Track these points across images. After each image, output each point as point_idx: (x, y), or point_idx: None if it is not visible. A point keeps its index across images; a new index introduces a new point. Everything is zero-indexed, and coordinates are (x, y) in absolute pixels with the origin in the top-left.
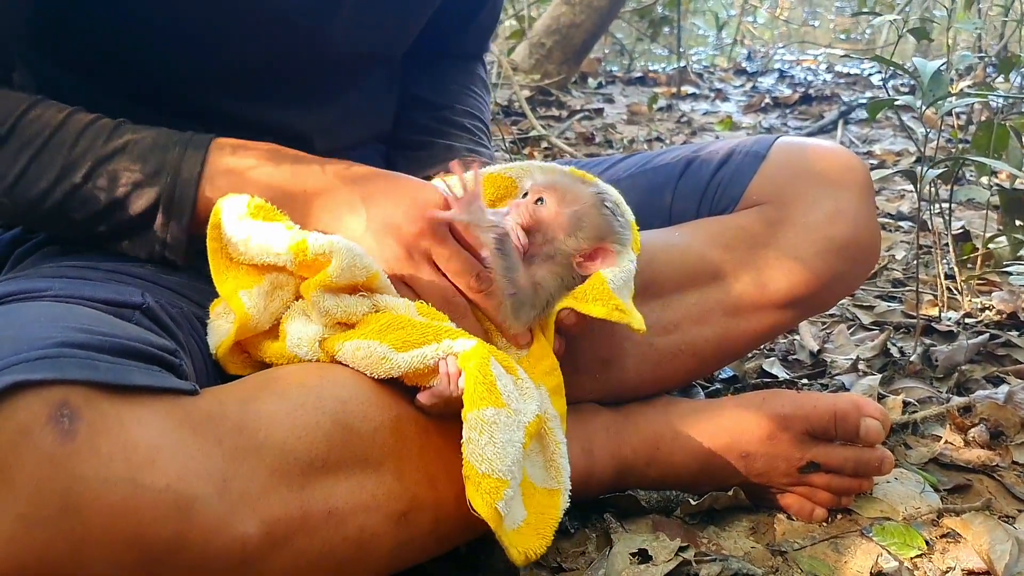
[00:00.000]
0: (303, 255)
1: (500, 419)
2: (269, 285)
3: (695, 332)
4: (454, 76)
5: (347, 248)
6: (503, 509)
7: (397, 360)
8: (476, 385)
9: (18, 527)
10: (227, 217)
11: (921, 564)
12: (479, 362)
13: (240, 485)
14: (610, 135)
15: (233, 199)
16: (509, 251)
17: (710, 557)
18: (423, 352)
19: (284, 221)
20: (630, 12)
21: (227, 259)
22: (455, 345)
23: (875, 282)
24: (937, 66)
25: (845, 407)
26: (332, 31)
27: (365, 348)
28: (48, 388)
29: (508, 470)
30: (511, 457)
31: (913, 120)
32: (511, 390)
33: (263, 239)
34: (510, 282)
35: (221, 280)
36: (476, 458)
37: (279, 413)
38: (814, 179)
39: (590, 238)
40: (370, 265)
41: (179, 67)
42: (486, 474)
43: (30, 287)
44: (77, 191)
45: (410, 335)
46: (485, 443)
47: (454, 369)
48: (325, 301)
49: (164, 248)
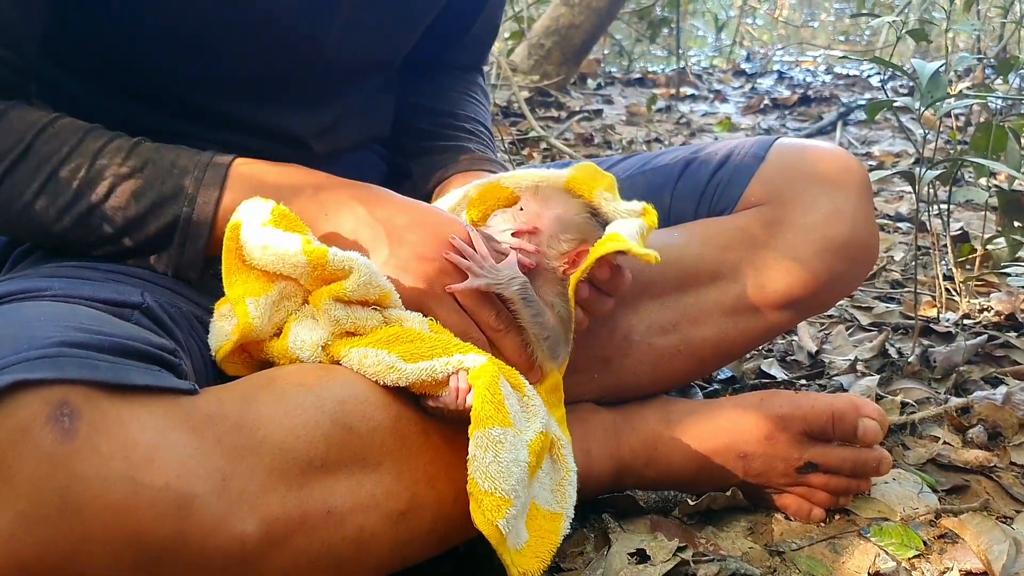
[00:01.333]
0: (321, 267)
1: (506, 439)
2: (278, 295)
3: (693, 332)
4: (452, 84)
5: (366, 265)
6: (504, 528)
7: (406, 371)
8: (485, 404)
9: (18, 525)
10: (248, 220)
11: (919, 564)
12: (489, 380)
13: (239, 484)
14: (609, 136)
15: (257, 204)
16: (532, 298)
17: (708, 557)
18: (432, 364)
19: (305, 233)
20: (629, 13)
21: (240, 260)
22: (466, 360)
23: (873, 283)
24: (936, 67)
25: (843, 407)
26: (328, 38)
27: (373, 356)
28: (48, 387)
29: (512, 489)
30: (515, 477)
31: (912, 121)
32: (517, 409)
33: (281, 248)
34: (541, 327)
35: (231, 282)
36: (480, 475)
37: (278, 413)
38: (812, 180)
39: (573, 242)
40: (384, 285)
41: (179, 71)
42: (488, 492)
43: (29, 287)
44: (93, 211)
45: (419, 347)
46: (490, 461)
47: (464, 385)
48: (336, 311)
49: (179, 268)
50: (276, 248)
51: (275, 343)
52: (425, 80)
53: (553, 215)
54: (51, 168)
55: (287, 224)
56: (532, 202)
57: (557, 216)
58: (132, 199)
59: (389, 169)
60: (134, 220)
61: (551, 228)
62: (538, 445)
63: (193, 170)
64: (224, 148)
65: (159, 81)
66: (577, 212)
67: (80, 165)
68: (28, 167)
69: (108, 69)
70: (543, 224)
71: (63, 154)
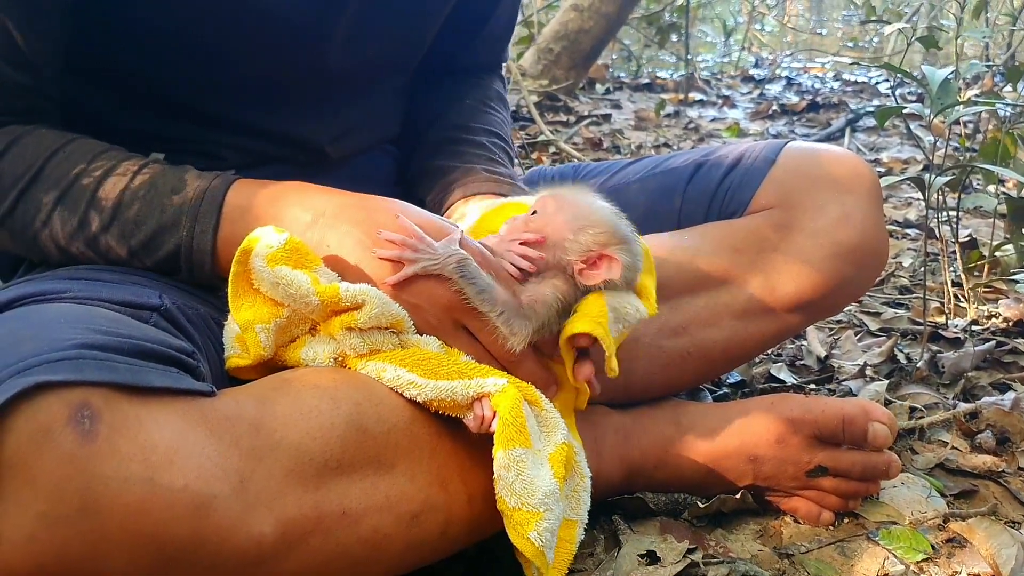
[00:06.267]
0: (334, 303)
1: (528, 457)
2: (286, 320)
3: (704, 335)
4: (468, 91)
5: (378, 296)
6: (537, 540)
7: (426, 387)
8: (507, 427)
9: (38, 525)
10: (259, 251)
11: (927, 568)
12: (511, 404)
13: (256, 485)
14: (618, 140)
15: (269, 235)
16: (474, 274)
17: (717, 559)
18: (452, 386)
19: (314, 267)
20: (638, 18)
21: (248, 284)
22: (486, 384)
23: (882, 289)
24: (945, 74)
25: (853, 412)
26: (331, 46)
27: (392, 371)
28: (68, 389)
29: (540, 503)
30: (541, 491)
31: (921, 128)
32: (535, 426)
33: (292, 287)
34: (490, 303)
35: (237, 305)
36: (507, 493)
37: (294, 414)
38: (823, 184)
39: (595, 242)
40: (397, 312)
41: (194, 81)
42: (516, 508)
43: (48, 288)
44: (98, 238)
45: (439, 367)
46: (513, 479)
47: (489, 413)
48: (351, 339)
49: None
50: (287, 287)
51: (289, 351)
52: (440, 84)
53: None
54: (59, 193)
55: (297, 259)
56: (549, 204)
57: (575, 215)
58: (135, 227)
59: (398, 167)
60: (140, 247)
61: (569, 228)
62: (561, 455)
63: (191, 197)
64: (241, 154)
65: (175, 91)
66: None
67: (86, 191)
68: (38, 193)
69: (126, 81)
70: (554, 229)
71: (70, 179)
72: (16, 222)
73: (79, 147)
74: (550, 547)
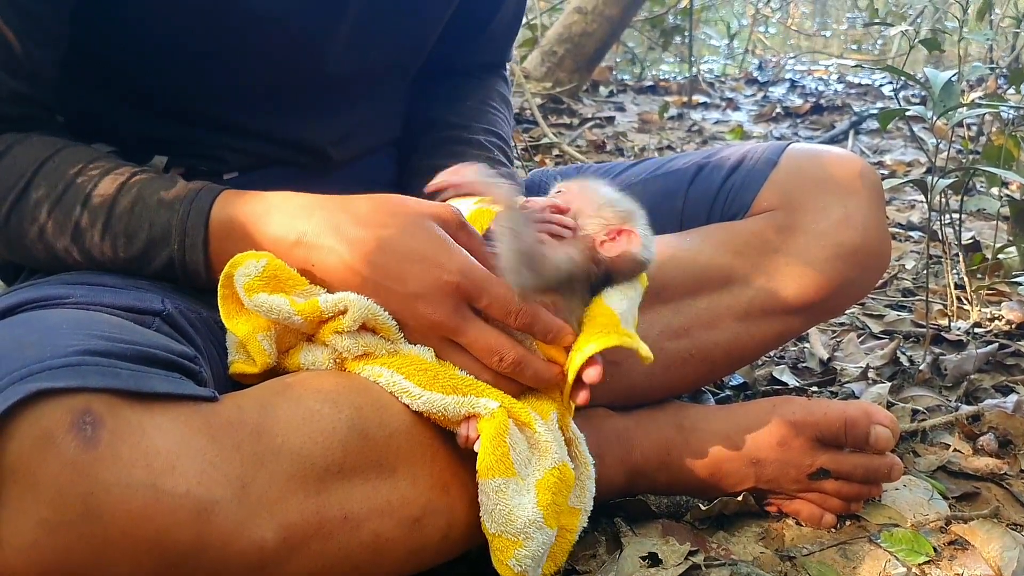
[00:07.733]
0: (317, 316)
1: (508, 487)
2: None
3: (705, 337)
4: (470, 92)
5: (358, 299)
6: (514, 566)
7: (420, 398)
8: (487, 456)
9: (41, 531)
10: (238, 280)
11: (929, 571)
12: (495, 432)
13: (258, 490)
14: (621, 143)
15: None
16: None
17: (719, 561)
18: (444, 402)
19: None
20: (642, 21)
21: (238, 303)
22: (478, 404)
23: (885, 291)
24: (949, 77)
25: (855, 414)
26: (333, 50)
27: (388, 376)
28: (71, 396)
29: (520, 531)
30: (521, 520)
31: (924, 131)
32: (524, 450)
33: (273, 311)
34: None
35: (233, 324)
36: (488, 519)
37: (296, 419)
38: (825, 185)
39: (616, 218)
40: (383, 317)
41: (193, 84)
42: (496, 534)
43: (50, 294)
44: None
45: (435, 379)
46: (493, 507)
47: (474, 435)
48: (343, 342)
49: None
50: (268, 312)
51: (288, 357)
52: (441, 88)
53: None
54: (49, 205)
55: (275, 285)
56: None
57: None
58: (126, 240)
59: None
60: (134, 259)
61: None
62: (550, 480)
63: (179, 210)
64: (244, 157)
65: (177, 96)
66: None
67: (75, 202)
68: (29, 205)
69: (127, 86)
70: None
71: (59, 191)
72: (11, 232)
73: (68, 156)
74: (533, 572)
